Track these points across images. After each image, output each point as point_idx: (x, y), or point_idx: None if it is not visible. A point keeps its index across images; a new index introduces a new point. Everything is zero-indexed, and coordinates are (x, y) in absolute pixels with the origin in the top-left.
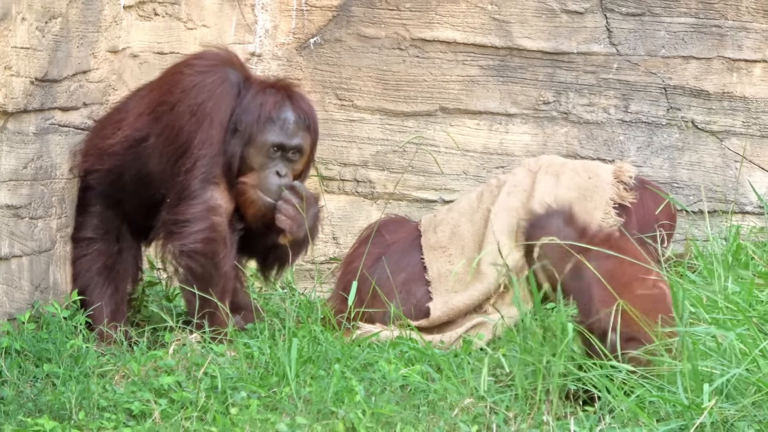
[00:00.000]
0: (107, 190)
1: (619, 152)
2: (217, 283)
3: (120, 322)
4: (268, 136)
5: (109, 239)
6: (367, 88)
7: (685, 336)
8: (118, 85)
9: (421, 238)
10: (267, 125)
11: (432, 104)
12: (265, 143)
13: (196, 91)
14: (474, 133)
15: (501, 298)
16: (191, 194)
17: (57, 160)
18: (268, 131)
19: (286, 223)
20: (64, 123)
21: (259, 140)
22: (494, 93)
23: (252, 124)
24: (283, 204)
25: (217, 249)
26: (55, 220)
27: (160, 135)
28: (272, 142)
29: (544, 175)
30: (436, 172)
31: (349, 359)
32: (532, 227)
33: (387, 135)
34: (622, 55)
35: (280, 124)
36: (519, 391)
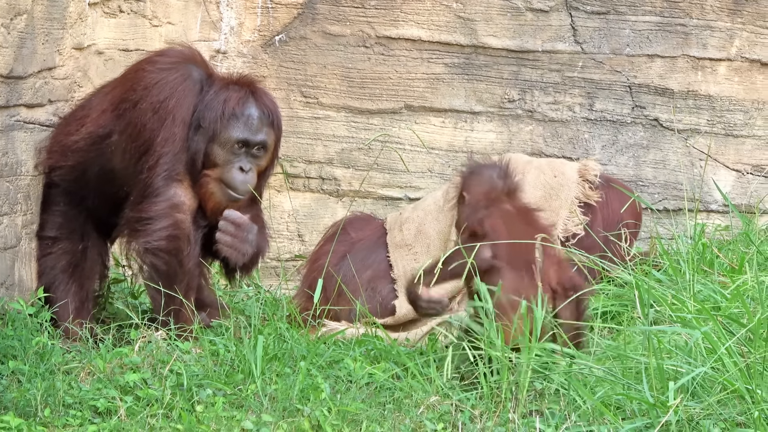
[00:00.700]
0: (71, 187)
1: (584, 150)
2: (182, 280)
3: (85, 319)
4: (232, 132)
5: (74, 237)
6: (333, 86)
7: (649, 334)
8: (84, 82)
9: (386, 236)
10: (231, 121)
11: (397, 102)
12: (230, 139)
13: (158, 88)
14: (439, 130)
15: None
16: (154, 191)
17: (22, 157)
18: (232, 127)
19: (226, 251)
20: (30, 120)
21: (223, 136)
22: (459, 91)
23: (216, 120)
24: (221, 234)
25: (181, 246)
26: (21, 216)
27: (123, 132)
28: (236, 138)
29: None
30: (402, 170)
31: (315, 357)
32: (469, 173)
33: (352, 132)
34: (587, 53)
35: (244, 120)
36: (484, 389)
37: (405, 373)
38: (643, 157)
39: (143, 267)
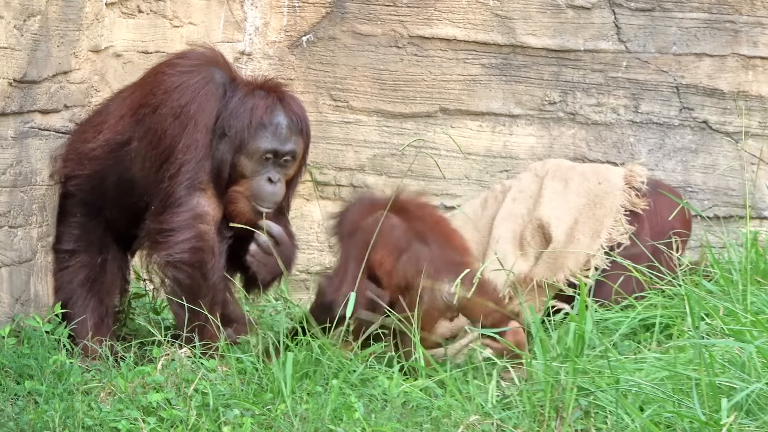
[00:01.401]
0: (88, 197)
1: (629, 155)
2: (206, 294)
3: (105, 336)
4: (260, 142)
5: (92, 250)
6: (363, 89)
7: (701, 348)
8: (101, 86)
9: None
10: (259, 131)
11: (432, 105)
12: (258, 150)
13: (179, 92)
14: (476, 135)
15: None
16: (176, 201)
17: (37, 166)
18: (260, 137)
19: (255, 266)
20: (45, 126)
21: (251, 147)
22: (497, 93)
23: (243, 129)
24: (255, 248)
25: (205, 259)
26: (36, 228)
27: (143, 138)
28: (265, 148)
29: (551, 181)
30: (437, 177)
31: (348, 374)
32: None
33: (384, 137)
34: (632, 52)
35: (273, 129)
36: (527, 407)
37: (443, 391)
38: (691, 161)
39: (165, 281)
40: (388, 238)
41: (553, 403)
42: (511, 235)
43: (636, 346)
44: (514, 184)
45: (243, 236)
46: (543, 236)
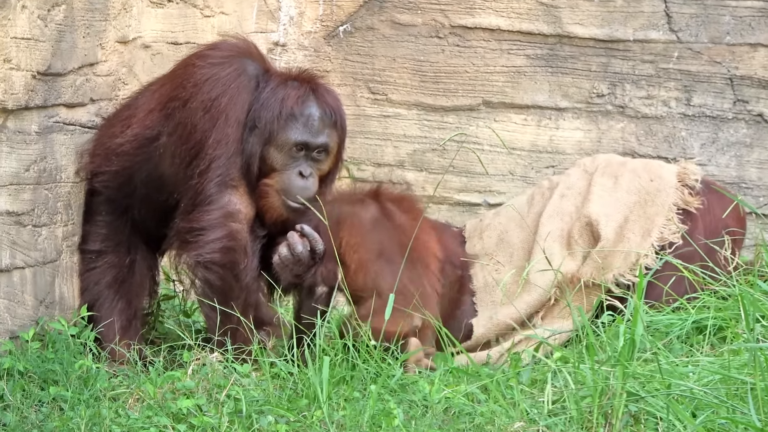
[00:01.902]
0: (116, 194)
1: (680, 149)
2: (238, 296)
3: (133, 340)
4: (290, 134)
5: (120, 250)
6: (403, 81)
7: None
8: (129, 79)
9: (465, 245)
10: (289, 122)
11: (474, 98)
12: (287, 142)
13: (209, 84)
14: (521, 129)
15: (550, 311)
16: (207, 199)
17: (62, 162)
18: (290, 129)
19: (278, 266)
20: (70, 121)
21: (281, 139)
22: (543, 85)
23: (272, 120)
24: (286, 252)
25: (237, 259)
26: (61, 227)
27: (172, 133)
28: (295, 140)
29: (600, 177)
30: (480, 173)
31: (387, 379)
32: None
33: (425, 132)
34: (683, 42)
35: (304, 120)
36: (574, 413)
37: (486, 396)
38: (746, 156)
39: (196, 282)
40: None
41: (601, 408)
42: (559, 233)
43: (688, 349)
44: (561, 180)
45: (277, 235)
46: (591, 235)
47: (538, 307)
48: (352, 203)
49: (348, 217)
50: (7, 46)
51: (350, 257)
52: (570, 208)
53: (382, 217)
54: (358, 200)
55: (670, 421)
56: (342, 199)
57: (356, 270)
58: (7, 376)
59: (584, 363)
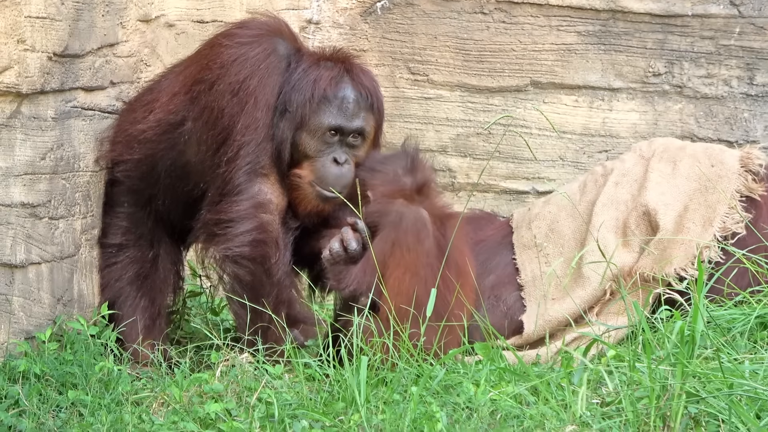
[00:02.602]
0: (138, 184)
1: (743, 132)
2: (270, 292)
3: (157, 340)
4: (323, 117)
5: (142, 244)
6: (445, 60)
7: None
8: (152, 60)
9: (512, 236)
10: (322, 105)
11: (522, 78)
12: (320, 126)
13: (237, 66)
14: (572, 111)
15: (606, 306)
16: (236, 188)
17: (80, 150)
18: (323, 112)
19: (328, 262)
20: (88, 105)
21: (313, 123)
22: (595, 64)
23: (304, 104)
24: (336, 243)
25: (268, 252)
26: (80, 220)
27: (198, 118)
28: (328, 124)
29: (658, 163)
30: (528, 158)
31: (429, 380)
32: (371, 167)
33: (469, 115)
34: (746, 17)
35: (338, 103)
36: (630, 415)
37: (535, 398)
38: None
39: (224, 277)
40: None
41: (659, 410)
42: (614, 223)
43: (752, 346)
44: (616, 166)
45: (311, 226)
46: (649, 224)
47: (593, 302)
48: (394, 200)
49: (393, 223)
50: (21, 26)
51: (392, 271)
52: (625, 197)
53: (429, 221)
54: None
55: (732, 424)
56: (383, 190)
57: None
58: (22, 379)
59: (640, 362)
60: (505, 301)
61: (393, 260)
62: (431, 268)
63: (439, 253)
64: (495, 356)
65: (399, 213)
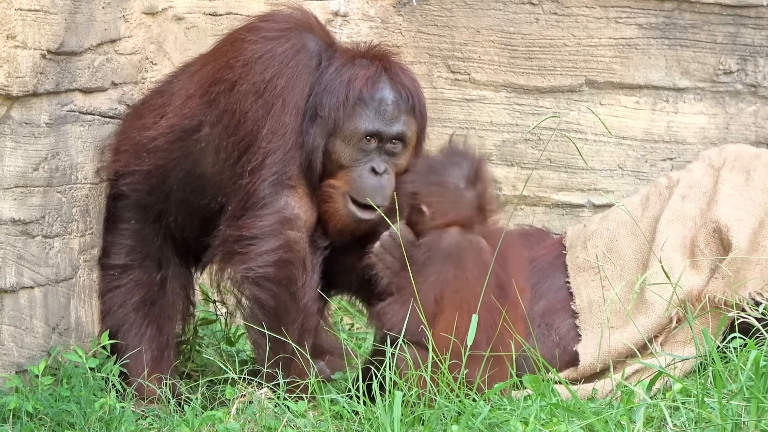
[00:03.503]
0: (146, 198)
1: None
2: (295, 319)
3: (165, 374)
4: (359, 122)
5: (149, 265)
6: (489, 57)
7: None
8: (158, 58)
9: (566, 256)
10: (357, 108)
11: (575, 77)
12: (356, 132)
13: (263, 64)
14: (632, 114)
15: (671, 335)
16: (259, 202)
17: (78, 159)
18: (359, 116)
19: (384, 272)
20: (87, 109)
21: (348, 128)
22: (659, 60)
23: (338, 107)
24: (381, 249)
25: (295, 274)
26: (77, 238)
27: (217, 124)
28: (365, 129)
29: (729, 173)
30: (583, 167)
31: (471, 418)
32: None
33: (516, 119)
34: None
35: (375, 105)
36: None
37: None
38: None
39: (243, 302)
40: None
41: None
42: (680, 242)
43: None
44: (682, 177)
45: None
46: (720, 243)
47: (657, 330)
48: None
49: (450, 258)
50: (11, 20)
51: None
52: (693, 212)
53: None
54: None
55: None
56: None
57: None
58: (13, 418)
59: (710, 396)
60: (558, 329)
61: (448, 301)
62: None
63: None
64: (546, 390)
65: (457, 246)
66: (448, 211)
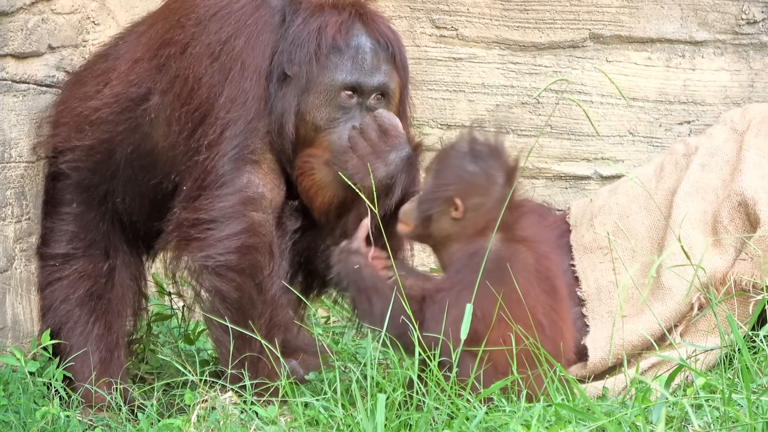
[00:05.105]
0: (89, 178)
1: None
2: (262, 312)
3: (115, 377)
4: (335, 74)
5: (95, 253)
6: (479, 9)
7: None
8: (101, 18)
9: (570, 236)
10: (332, 58)
11: (578, 30)
12: (333, 85)
13: (218, 21)
14: (644, 71)
15: (693, 325)
16: (218, 180)
17: (12, 135)
18: (334, 67)
19: (351, 164)
20: (21, 77)
21: (323, 82)
22: (672, 10)
23: (309, 59)
24: (356, 135)
25: (260, 262)
26: (12, 224)
27: (168, 91)
28: (343, 82)
29: (755, 137)
30: (589, 133)
31: (465, 422)
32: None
33: (511, 79)
34: None
35: (352, 54)
36: None
37: None
38: None
39: (202, 294)
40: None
41: None
42: (701, 217)
43: None
44: (702, 143)
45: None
46: (746, 218)
47: (676, 319)
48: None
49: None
50: None
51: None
52: (715, 183)
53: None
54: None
55: None
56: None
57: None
58: None
59: (737, 392)
60: None
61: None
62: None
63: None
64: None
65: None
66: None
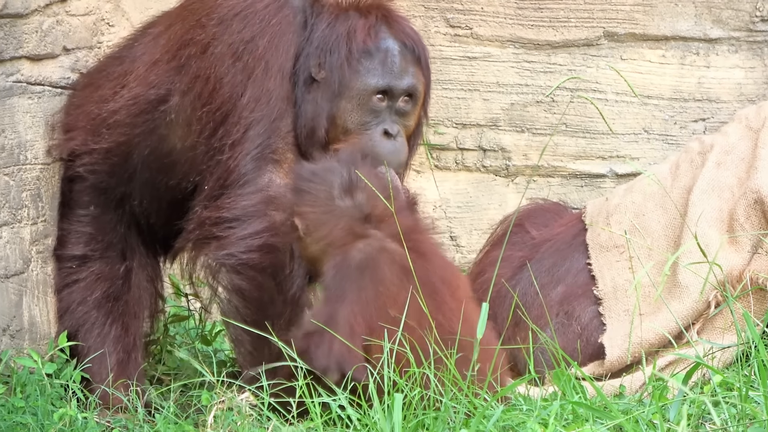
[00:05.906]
0: (106, 180)
1: None
2: (281, 312)
3: (132, 379)
4: (368, 78)
5: (111, 256)
6: (493, 8)
7: None
8: (115, 19)
9: (586, 234)
10: (364, 62)
11: (593, 28)
12: (366, 89)
13: (241, 21)
14: (658, 69)
15: (710, 323)
16: (241, 179)
17: (27, 137)
18: (366, 71)
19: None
20: (36, 79)
21: (355, 87)
22: (686, 8)
23: (341, 64)
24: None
25: (281, 261)
26: (29, 227)
27: (188, 92)
28: (375, 86)
29: None
30: (603, 131)
31: (483, 420)
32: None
33: (526, 78)
34: None
35: (381, 58)
36: None
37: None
38: None
39: (221, 294)
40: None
41: None
42: (717, 215)
43: None
44: (717, 141)
45: None
46: (762, 215)
47: (693, 317)
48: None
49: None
50: None
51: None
52: (731, 180)
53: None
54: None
55: None
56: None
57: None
58: None
59: (755, 389)
60: (579, 318)
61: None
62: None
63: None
64: (567, 387)
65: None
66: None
